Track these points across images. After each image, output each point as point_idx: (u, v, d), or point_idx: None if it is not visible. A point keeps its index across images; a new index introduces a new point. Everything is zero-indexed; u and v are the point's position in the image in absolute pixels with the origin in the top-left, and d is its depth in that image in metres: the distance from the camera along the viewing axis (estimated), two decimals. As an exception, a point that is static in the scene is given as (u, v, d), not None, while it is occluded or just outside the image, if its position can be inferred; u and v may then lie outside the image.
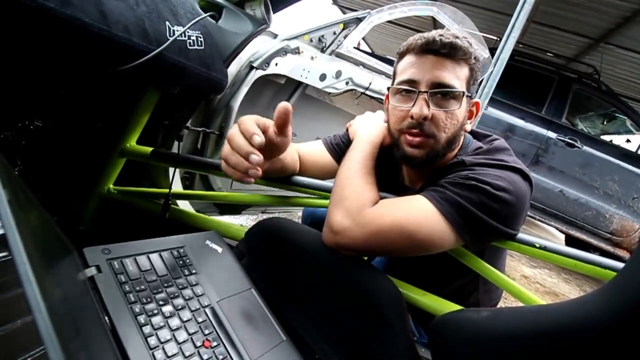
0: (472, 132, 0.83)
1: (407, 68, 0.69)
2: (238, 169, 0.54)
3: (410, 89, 0.68)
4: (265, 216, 1.53)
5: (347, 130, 0.90)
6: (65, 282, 0.46)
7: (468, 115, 0.73)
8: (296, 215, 2.37)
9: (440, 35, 0.66)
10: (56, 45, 0.49)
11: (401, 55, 0.72)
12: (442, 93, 0.67)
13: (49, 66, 0.66)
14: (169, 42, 0.57)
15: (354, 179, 0.69)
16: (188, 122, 1.03)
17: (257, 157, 0.53)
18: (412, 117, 0.67)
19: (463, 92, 0.67)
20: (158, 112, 0.89)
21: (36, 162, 0.90)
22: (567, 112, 3.36)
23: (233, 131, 0.56)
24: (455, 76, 0.67)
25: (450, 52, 0.66)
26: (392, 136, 0.74)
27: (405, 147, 0.70)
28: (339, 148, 0.88)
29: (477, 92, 0.75)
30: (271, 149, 0.62)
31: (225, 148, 0.56)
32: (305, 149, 0.87)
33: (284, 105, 0.57)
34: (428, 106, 0.66)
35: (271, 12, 0.85)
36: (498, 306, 0.94)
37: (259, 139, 0.53)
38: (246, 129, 0.54)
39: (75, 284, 0.47)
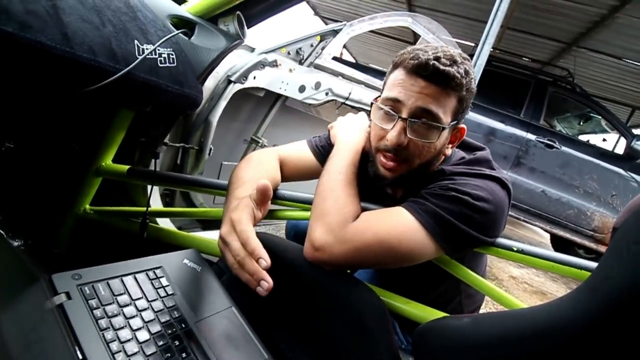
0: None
1: (395, 85, 0.65)
2: (250, 284, 0.55)
3: (391, 112, 0.66)
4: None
5: (329, 131, 0.89)
6: (30, 312, 0.44)
7: (450, 139, 0.71)
8: (284, 228, 2.35)
9: (436, 59, 0.61)
10: (18, 69, 0.48)
11: (394, 67, 0.68)
12: (422, 122, 0.64)
13: (16, 89, 0.64)
14: (137, 61, 0.57)
15: (335, 192, 0.68)
16: (166, 138, 1.02)
17: (267, 284, 0.54)
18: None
19: (444, 127, 0.64)
20: (134, 129, 0.88)
21: (8, 185, 0.88)
22: (545, 114, 3.45)
23: (234, 245, 0.58)
24: (441, 106, 0.63)
25: (440, 81, 0.62)
26: (369, 149, 0.74)
27: (379, 166, 0.70)
28: (324, 150, 0.86)
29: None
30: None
31: (230, 259, 0.58)
32: (289, 152, 0.86)
33: (262, 185, 0.62)
34: (406, 133, 0.65)
35: (245, 27, 0.85)
36: (482, 308, 0.95)
37: (265, 263, 0.54)
38: (252, 250, 0.56)
39: (42, 314, 0.45)
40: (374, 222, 0.64)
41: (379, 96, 0.71)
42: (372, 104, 0.72)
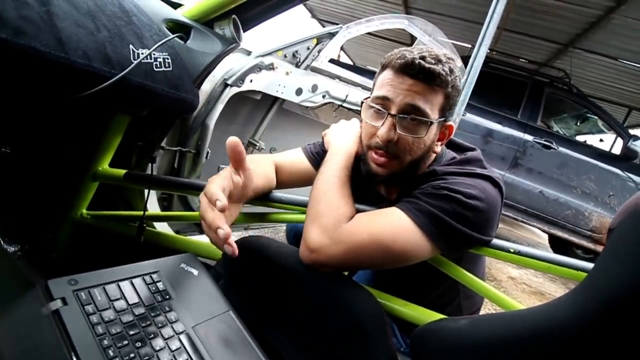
0: (449, 142, 0.84)
1: (384, 84, 0.68)
2: (218, 243, 0.55)
3: (381, 109, 0.67)
4: (248, 233, 1.51)
5: (323, 138, 0.90)
6: (26, 318, 0.44)
7: (439, 137, 0.73)
8: (282, 230, 2.35)
9: (422, 57, 0.64)
10: (13, 75, 0.48)
11: (382, 68, 0.70)
12: (411, 118, 0.66)
13: (11, 95, 0.64)
14: (132, 66, 0.57)
15: (329, 194, 0.69)
16: (163, 142, 1.02)
17: (223, 231, 0.54)
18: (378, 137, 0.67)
19: (431, 122, 0.66)
20: (131, 133, 0.88)
21: (4, 190, 0.87)
22: (542, 115, 3.46)
23: (203, 205, 0.57)
24: (429, 102, 0.65)
25: (426, 78, 0.64)
26: (362, 148, 0.75)
27: (371, 163, 0.71)
28: (318, 156, 0.87)
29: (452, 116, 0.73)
30: (242, 190, 0.65)
31: (203, 224, 0.57)
32: (284, 158, 0.87)
33: (231, 140, 0.59)
34: (395, 129, 0.66)
35: (241, 31, 0.85)
36: (482, 309, 0.95)
37: (221, 203, 0.54)
38: (210, 195, 0.56)
39: (38, 320, 0.45)
40: (368, 223, 0.64)
41: (369, 96, 0.73)
42: (362, 103, 0.73)
